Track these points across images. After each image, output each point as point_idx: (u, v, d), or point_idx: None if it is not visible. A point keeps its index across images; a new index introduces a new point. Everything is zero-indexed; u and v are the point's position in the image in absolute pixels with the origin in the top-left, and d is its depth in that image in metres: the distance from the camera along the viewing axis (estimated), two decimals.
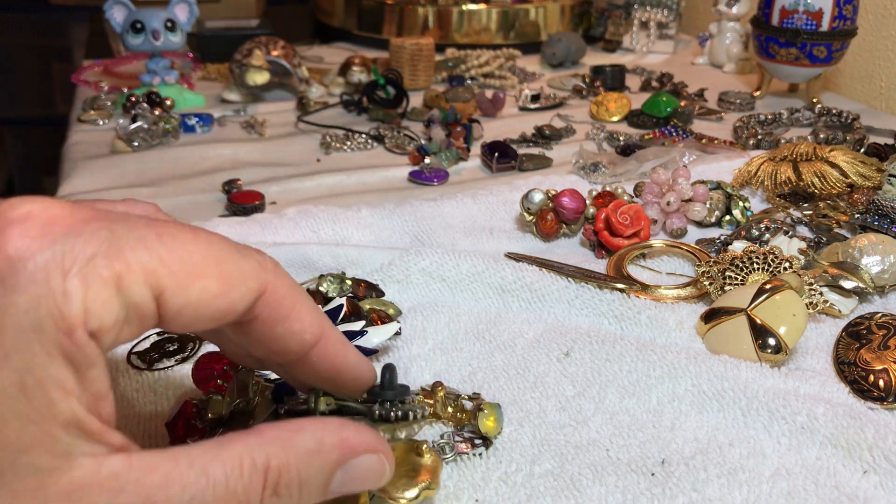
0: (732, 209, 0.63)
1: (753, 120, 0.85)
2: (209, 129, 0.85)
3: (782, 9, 0.88)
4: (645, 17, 1.19)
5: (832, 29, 0.87)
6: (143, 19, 0.87)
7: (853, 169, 0.64)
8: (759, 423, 0.40)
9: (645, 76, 1.06)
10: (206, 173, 0.73)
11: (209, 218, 0.61)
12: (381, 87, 0.87)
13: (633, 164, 0.71)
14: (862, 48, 0.98)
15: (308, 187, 0.70)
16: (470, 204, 0.63)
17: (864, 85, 0.99)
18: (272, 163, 0.76)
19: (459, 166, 0.76)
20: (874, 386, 0.42)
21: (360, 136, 0.81)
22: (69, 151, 0.79)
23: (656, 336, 0.47)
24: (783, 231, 0.58)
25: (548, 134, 0.82)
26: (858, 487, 0.36)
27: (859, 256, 0.52)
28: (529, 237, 0.60)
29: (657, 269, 0.56)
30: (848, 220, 0.61)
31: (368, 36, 1.20)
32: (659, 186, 0.62)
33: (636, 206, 0.58)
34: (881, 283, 0.51)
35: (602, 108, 0.90)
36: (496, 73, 1.04)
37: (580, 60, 1.13)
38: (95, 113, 0.87)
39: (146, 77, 0.91)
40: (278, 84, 0.93)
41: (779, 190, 0.66)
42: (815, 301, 0.49)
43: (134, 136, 0.79)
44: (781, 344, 0.44)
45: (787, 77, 0.93)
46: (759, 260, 0.50)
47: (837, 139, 0.77)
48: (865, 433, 0.38)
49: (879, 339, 0.45)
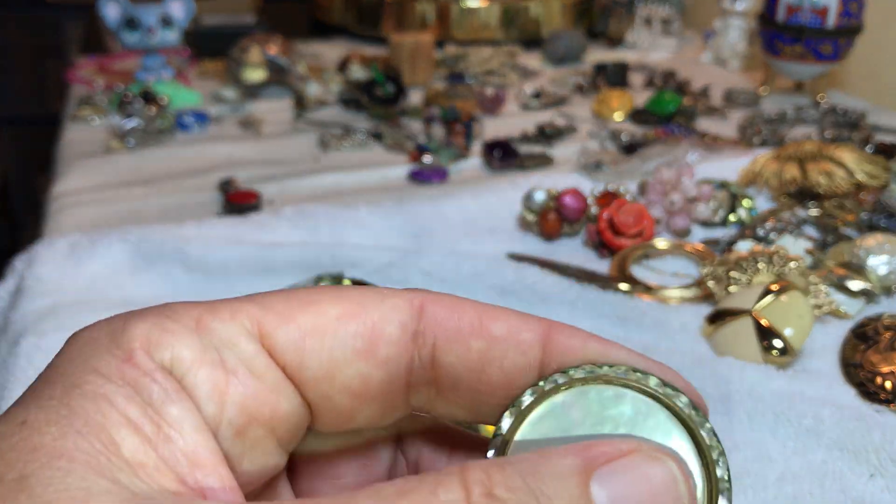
0: (737, 208, 0.62)
1: (759, 118, 0.84)
2: (205, 128, 0.84)
3: (788, 5, 0.87)
4: (648, 13, 1.18)
5: (838, 26, 0.86)
6: (138, 16, 0.86)
7: (860, 167, 0.63)
8: (765, 425, 0.39)
9: (648, 73, 1.05)
10: (202, 172, 0.72)
11: (205, 218, 0.60)
12: (379, 84, 0.86)
13: (637, 162, 0.70)
14: (868, 45, 0.97)
15: (306, 186, 0.70)
16: (470, 203, 0.62)
17: (871, 82, 0.98)
18: (269, 161, 0.75)
19: (460, 165, 0.75)
20: (881, 388, 0.42)
21: (358, 135, 0.80)
22: (63, 150, 0.79)
23: (660, 338, 0.46)
24: (789, 231, 0.57)
25: (549, 132, 0.82)
26: (865, 491, 0.36)
27: (865, 257, 0.51)
28: (531, 237, 0.60)
29: (661, 269, 0.55)
30: (854, 219, 0.60)
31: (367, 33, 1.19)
32: (663, 185, 0.61)
33: (639, 205, 0.57)
34: (888, 284, 0.51)
35: (605, 105, 0.89)
36: (497, 70, 1.03)
37: (582, 57, 1.12)
38: (90, 110, 0.87)
39: (141, 74, 0.91)
40: (275, 81, 0.92)
41: (784, 189, 0.65)
42: (822, 302, 0.48)
43: (129, 134, 0.78)
44: (787, 346, 0.43)
45: (793, 74, 0.93)
46: (765, 260, 0.50)
47: (843, 137, 0.76)
48: (872, 436, 0.38)
49: (886, 340, 0.45)
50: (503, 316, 0.18)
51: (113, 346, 0.16)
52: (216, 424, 0.16)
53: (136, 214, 0.63)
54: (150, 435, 0.15)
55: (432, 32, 1.08)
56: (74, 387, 0.15)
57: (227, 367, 0.17)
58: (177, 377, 0.16)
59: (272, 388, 0.17)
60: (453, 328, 0.18)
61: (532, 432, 0.18)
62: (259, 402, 0.17)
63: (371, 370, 0.18)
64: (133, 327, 0.16)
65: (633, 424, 0.17)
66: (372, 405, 0.18)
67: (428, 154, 0.74)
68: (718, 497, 0.17)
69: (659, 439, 0.17)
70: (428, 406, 0.19)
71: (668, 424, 0.18)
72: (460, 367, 0.18)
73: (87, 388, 0.15)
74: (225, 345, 0.17)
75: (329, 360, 0.17)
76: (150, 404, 0.16)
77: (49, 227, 0.62)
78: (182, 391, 0.16)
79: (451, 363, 0.18)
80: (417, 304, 0.18)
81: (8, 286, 0.53)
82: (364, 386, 0.18)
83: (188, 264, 0.54)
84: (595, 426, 0.18)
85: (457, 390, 0.19)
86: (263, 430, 0.17)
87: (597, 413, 0.18)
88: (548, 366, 0.18)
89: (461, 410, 0.19)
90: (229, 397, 0.17)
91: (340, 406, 0.18)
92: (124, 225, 0.58)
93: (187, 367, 0.16)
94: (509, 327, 0.18)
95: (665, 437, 0.17)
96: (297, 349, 0.17)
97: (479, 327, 0.18)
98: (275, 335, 0.17)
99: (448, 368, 0.18)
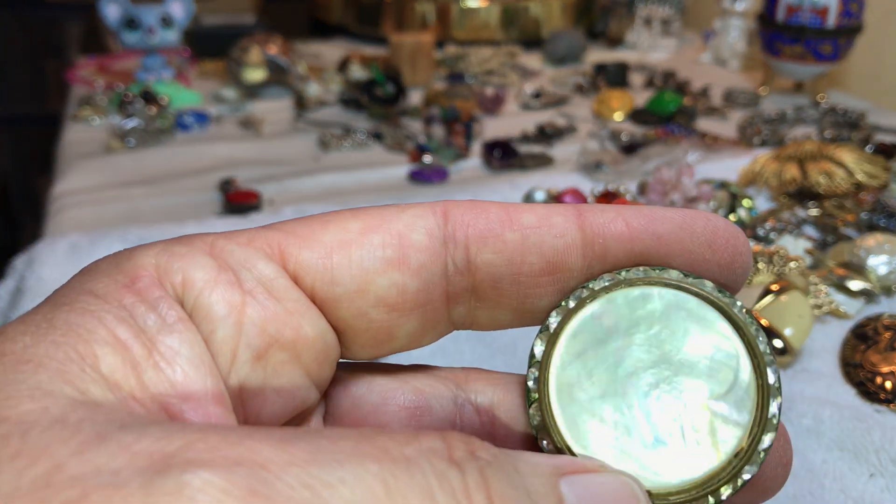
0: (737, 208, 0.62)
1: (759, 118, 0.84)
2: (205, 128, 0.84)
3: (788, 5, 0.87)
4: (648, 13, 1.18)
5: (838, 26, 0.86)
6: (138, 16, 0.86)
7: (859, 167, 0.63)
8: None
9: (648, 73, 1.05)
10: (202, 172, 0.72)
11: (205, 218, 0.60)
12: (379, 84, 0.86)
13: (637, 162, 0.70)
14: (868, 45, 0.97)
15: (306, 186, 0.70)
16: None
17: (871, 82, 0.98)
18: (269, 161, 0.75)
19: (459, 165, 0.75)
20: (881, 388, 0.42)
21: (358, 135, 0.80)
22: (63, 150, 0.79)
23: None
24: (789, 231, 0.57)
25: (549, 132, 0.82)
26: (865, 491, 0.36)
27: (865, 257, 0.51)
28: None
29: None
30: (854, 219, 0.60)
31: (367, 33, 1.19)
32: (663, 185, 0.61)
33: (639, 205, 0.57)
34: (888, 284, 0.51)
35: (605, 105, 0.89)
36: (497, 70, 1.03)
37: (582, 57, 1.12)
38: (90, 110, 0.87)
39: (141, 74, 0.91)
40: (275, 81, 0.92)
41: (784, 189, 0.65)
42: (822, 302, 0.48)
43: (129, 134, 0.78)
44: (787, 345, 0.43)
45: (793, 74, 0.93)
46: (765, 260, 0.50)
47: (843, 137, 0.76)
48: (872, 436, 0.38)
49: (886, 340, 0.45)
50: (529, 208, 0.18)
51: (115, 271, 0.16)
52: (233, 347, 0.16)
53: (136, 214, 0.63)
54: (137, 359, 0.14)
55: (432, 32, 1.08)
56: (64, 304, 0.15)
57: (245, 287, 0.16)
58: (189, 300, 0.16)
59: (294, 311, 0.16)
60: (482, 226, 0.17)
61: (569, 351, 0.18)
62: (280, 324, 0.16)
63: (405, 279, 0.17)
64: (140, 255, 0.16)
65: (667, 318, 0.17)
66: (411, 319, 0.18)
67: (428, 154, 0.74)
68: (767, 370, 0.17)
69: (694, 327, 0.17)
70: (470, 320, 0.18)
71: (701, 310, 0.17)
72: (498, 262, 0.18)
73: (78, 305, 0.15)
74: (242, 266, 0.16)
75: (360, 272, 0.17)
76: (145, 331, 0.15)
77: (49, 228, 0.62)
78: (188, 321, 0.15)
79: (488, 261, 0.18)
80: (440, 210, 0.18)
81: (8, 286, 0.53)
82: (401, 297, 0.17)
83: None
84: (630, 329, 0.17)
85: (499, 290, 0.18)
86: (286, 355, 0.16)
87: (627, 316, 0.18)
88: (590, 246, 0.18)
89: (507, 314, 0.18)
90: (247, 318, 0.16)
91: (378, 323, 0.17)
92: (124, 225, 0.58)
93: (200, 289, 0.16)
94: (538, 216, 0.18)
95: (700, 325, 0.17)
96: (324, 266, 0.17)
97: (508, 221, 0.18)
98: (300, 256, 0.17)
99: (486, 268, 0.18)
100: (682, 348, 0.17)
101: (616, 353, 0.17)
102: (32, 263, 0.53)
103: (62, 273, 0.52)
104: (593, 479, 0.16)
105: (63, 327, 0.14)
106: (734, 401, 0.17)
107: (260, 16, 1.19)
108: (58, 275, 0.52)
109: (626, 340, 0.17)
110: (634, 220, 0.18)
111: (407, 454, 0.13)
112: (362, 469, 0.12)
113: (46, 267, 0.52)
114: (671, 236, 0.18)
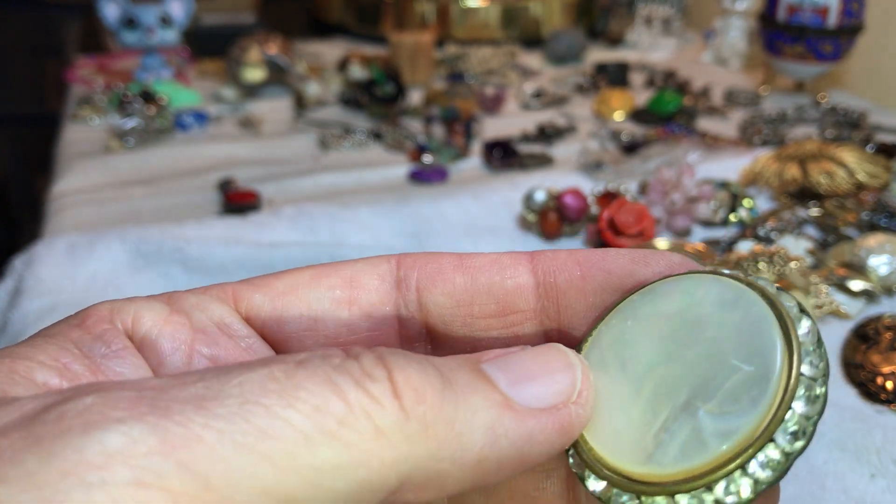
0: (738, 208, 0.62)
1: (759, 118, 0.84)
2: (205, 127, 0.84)
3: (789, 5, 0.87)
4: (648, 12, 1.18)
5: (839, 25, 0.86)
6: (137, 15, 0.86)
7: (860, 167, 0.63)
8: None
9: (648, 73, 1.05)
10: (201, 172, 0.72)
11: (205, 217, 0.60)
12: (379, 84, 0.86)
13: (637, 162, 0.70)
14: (869, 45, 0.97)
15: (305, 186, 0.69)
16: (470, 203, 0.62)
17: (872, 82, 0.98)
18: (269, 161, 0.75)
19: (460, 165, 0.75)
20: (882, 388, 0.42)
21: (358, 134, 0.80)
22: (62, 149, 0.78)
23: None
24: (789, 231, 0.57)
25: (549, 132, 0.81)
26: (866, 492, 0.36)
27: (866, 257, 0.51)
28: (531, 237, 0.60)
29: None
30: (855, 219, 0.60)
31: (367, 33, 1.19)
32: (663, 185, 0.61)
33: (640, 205, 0.57)
34: (889, 284, 0.51)
35: (605, 105, 0.89)
36: (497, 69, 1.03)
37: (582, 57, 1.12)
38: (89, 110, 0.86)
39: (141, 74, 0.90)
40: (275, 81, 0.92)
41: (785, 189, 0.65)
42: (822, 302, 0.48)
43: (128, 134, 0.78)
44: None
45: (794, 74, 0.92)
46: (766, 260, 0.49)
47: (844, 137, 0.76)
48: (873, 436, 0.38)
49: (887, 340, 0.45)
50: (482, 255, 0.18)
51: (71, 317, 0.16)
52: None
53: (136, 214, 0.63)
54: (79, 378, 0.15)
55: (432, 32, 1.07)
56: (18, 343, 0.15)
57: (195, 325, 0.17)
58: (137, 335, 0.16)
59: (246, 347, 0.17)
60: (433, 269, 0.18)
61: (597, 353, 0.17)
62: (231, 359, 0.17)
63: (355, 319, 0.17)
64: (98, 304, 0.17)
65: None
66: None
67: (428, 154, 0.74)
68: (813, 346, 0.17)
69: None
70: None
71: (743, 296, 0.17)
72: (448, 304, 0.18)
73: (28, 341, 0.15)
74: (195, 308, 0.17)
75: (309, 312, 0.17)
76: (90, 357, 0.15)
77: (48, 228, 0.62)
78: (134, 350, 0.16)
79: (439, 302, 0.18)
80: (394, 259, 0.18)
81: (7, 286, 0.53)
82: (351, 337, 0.18)
83: (187, 264, 0.53)
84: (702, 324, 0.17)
85: (450, 333, 0.18)
86: None
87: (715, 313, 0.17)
88: (542, 287, 0.18)
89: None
90: (196, 352, 0.16)
91: None
92: (123, 225, 0.58)
93: (149, 326, 0.16)
94: (489, 259, 0.18)
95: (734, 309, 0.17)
96: (273, 307, 0.17)
97: (459, 264, 0.18)
98: (251, 299, 0.17)
99: (436, 309, 0.18)
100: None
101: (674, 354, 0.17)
102: (31, 263, 0.53)
103: (61, 273, 0.52)
104: (518, 354, 0.15)
105: (5, 353, 0.15)
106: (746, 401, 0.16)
107: (259, 15, 1.19)
108: (57, 275, 0.52)
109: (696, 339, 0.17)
110: (586, 260, 0.18)
111: (300, 358, 0.13)
112: (252, 372, 0.12)
113: (45, 267, 0.52)
114: (622, 270, 0.18)
